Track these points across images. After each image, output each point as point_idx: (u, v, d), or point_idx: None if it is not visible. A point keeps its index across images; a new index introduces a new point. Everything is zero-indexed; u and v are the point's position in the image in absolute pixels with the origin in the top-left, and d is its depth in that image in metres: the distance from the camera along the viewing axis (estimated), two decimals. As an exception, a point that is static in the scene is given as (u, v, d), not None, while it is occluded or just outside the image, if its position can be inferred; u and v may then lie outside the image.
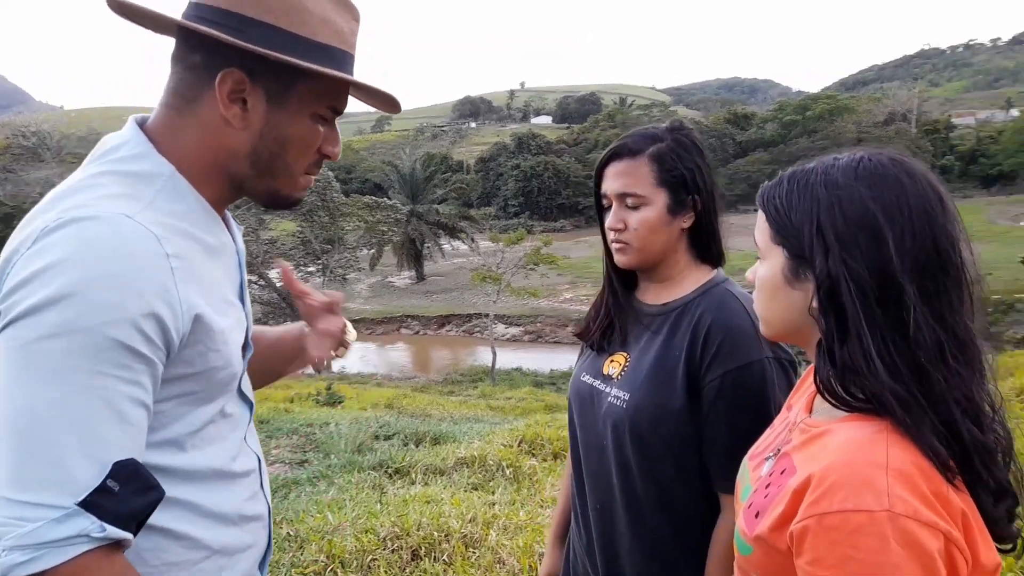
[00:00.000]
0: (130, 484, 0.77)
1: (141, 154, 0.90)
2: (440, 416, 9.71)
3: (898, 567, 0.69)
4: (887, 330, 0.79)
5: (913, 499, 0.72)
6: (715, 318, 1.25)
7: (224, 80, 0.89)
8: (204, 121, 0.91)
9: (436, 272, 42.63)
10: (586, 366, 1.44)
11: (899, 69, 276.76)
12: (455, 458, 5.23)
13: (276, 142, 0.93)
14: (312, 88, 0.93)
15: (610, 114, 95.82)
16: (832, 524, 0.73)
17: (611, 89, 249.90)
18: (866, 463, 0.75)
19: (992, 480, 0.78)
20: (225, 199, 0.98)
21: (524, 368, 24.02)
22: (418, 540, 3.08)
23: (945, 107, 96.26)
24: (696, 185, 1.29)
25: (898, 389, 0.78)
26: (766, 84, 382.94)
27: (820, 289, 0.83)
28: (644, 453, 1.27)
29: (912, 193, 0.82)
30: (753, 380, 1.20)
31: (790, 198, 0.88)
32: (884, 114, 76.21)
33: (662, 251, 1.32)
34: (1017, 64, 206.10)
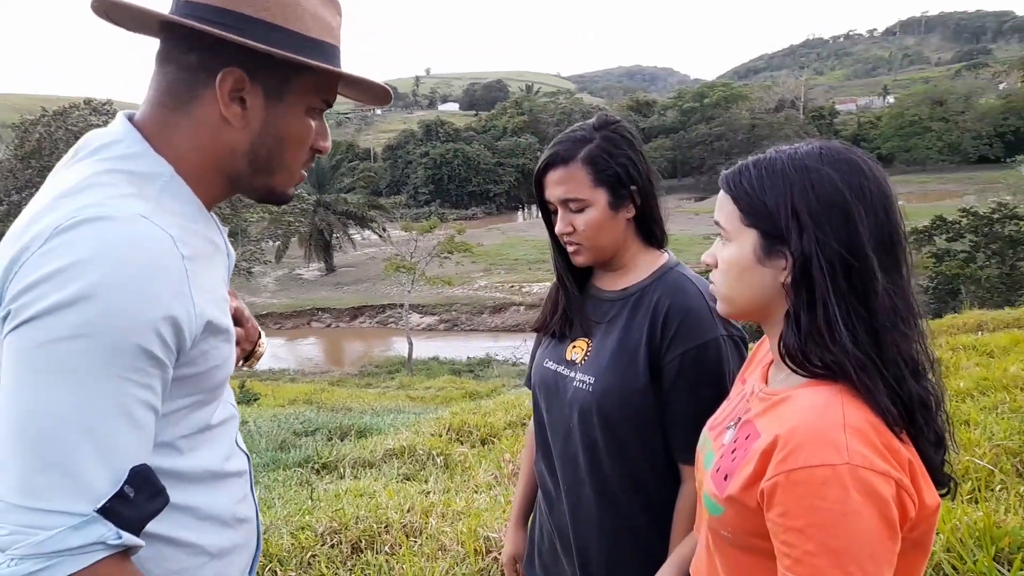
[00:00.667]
0: (144, 490, 0.76)
1: (139, 153, 0.87)
2: (361, 409, 9.58)
3: (858, 512, 0.78)
4: (850, 299, 0.88)
5: (868, 452, 0.80)
6: (672, 301, 1.30)
7: (225, 79, 0.87)
8: (201, 120, 0.89)
9: (347, 263, 41.76)
10: (548, 353, 1.47)
11: (787, 58, 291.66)
12: (384, 450, 5.18)
13: (274, 139, 0.93)
14: (307, 83, 0.93)
15: (517, 101, 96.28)
16: (799, 479, 0.80)
17: (517, 76, 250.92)
18: (826, 423, 0.83)
19: (931, 431, 0.87)
20: (217, 198, 0.96)
21: (441, 357, 23.99)
22: (357, 533, 3.05)
23: (829, 94, 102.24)
24: (631, 177, 1.33)
25: (858, 354, 0.86)
26: (666, 72, 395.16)
27: (795, 265, 0.90)
28: (611, 433, 1.32)
29: (871, 176, 0.91)
30: (710, 357, 1.26)
31: (760, 182, 0.94)
32: (774, 101, 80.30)
33: (613, 244, 1.36)
34: (891, 54, 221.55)
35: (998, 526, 2.31)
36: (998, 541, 2.23)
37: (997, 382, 4.75)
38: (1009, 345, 6.36)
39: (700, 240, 31.08)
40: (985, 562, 2.12)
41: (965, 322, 9.25)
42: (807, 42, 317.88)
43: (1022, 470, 3.06)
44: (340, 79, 0.97)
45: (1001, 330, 7.93)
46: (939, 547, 2.27)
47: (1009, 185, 29.32)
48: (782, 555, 0.83)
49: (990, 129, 69.87)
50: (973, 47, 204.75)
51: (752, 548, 0.91)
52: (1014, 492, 2.77)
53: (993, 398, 4.36)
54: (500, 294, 32.45)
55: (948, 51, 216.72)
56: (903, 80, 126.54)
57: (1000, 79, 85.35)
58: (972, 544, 2.24)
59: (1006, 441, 3.33)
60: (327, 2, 0.95)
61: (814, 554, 0.79)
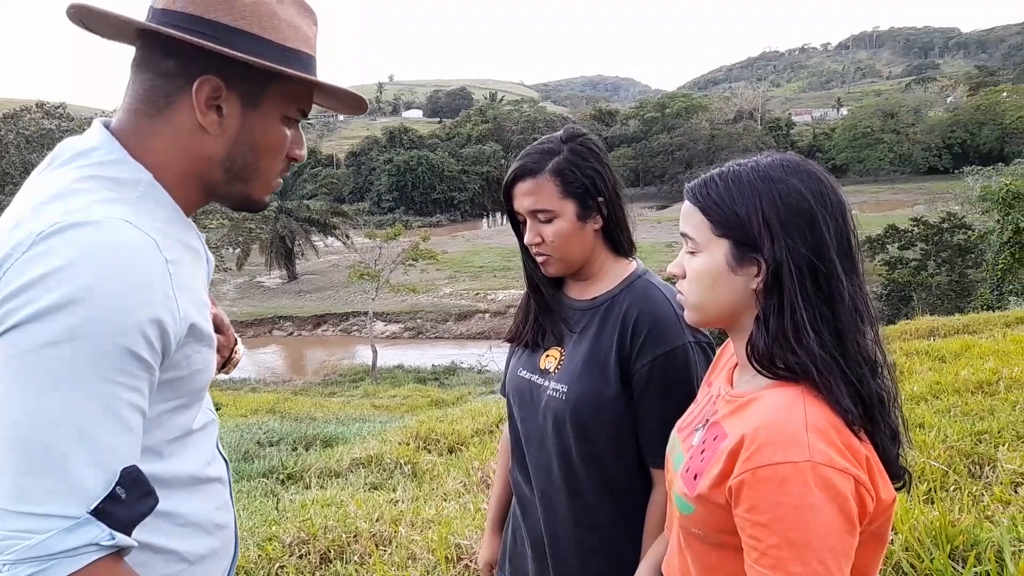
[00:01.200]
0: (134, 491, 0.76)
1: (118, 160, 0.88)
2: (325, 418, 9.46)
3: (818, 507, 0.82)
4: (817, 303, 0.92)
5: (829, 450, 0.84)
6: (641, 309, 1.33)
7: (202, 87, 0.88)
8: (178, 128, 0.90)
9: (309, 271, 41.24)
10: (522, 362, 1.49)
11: (745, 70, 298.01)
12: (350, 459, 5.13)
13: (250, 147, 0.94)
14: (283, 92, 0.94)
15: (481, 109, 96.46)
16: (764, 476, 0.85)
17: (481, 84, 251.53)
18: (789, 422, 0.87)
19: (887, 426, 0.92)
20: (195, 205, 0.97)
21: (406, 365, 23.83)
22: (326, 544, 3.01)
23: (785, 106, 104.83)
24: (598, 188, 1.36)
25: (823, 355, 0.91)
26: (627, 82, 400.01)
27: (768, 270, 0.94)
28: (585, 440, 1.34)
29: (828, 186, 0.97)
30: (679, 363, 1.30)
31: (729, 193, 0.98)
32: (733, 112, 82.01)
33: (582, 255, 1.38)
34: (845, 67, 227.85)
35: (953, 525, 2.39)
36: (953, 539, 2.31)
37: (949, 386, 4.92)
38: (960, 350, 6.58)
39: (663, 248, 31.51)
40: (941, 560, 2.20)
41: (917, 328, 9.55)
42: (764, 55, 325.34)
43: (974, 471, 3.17)
44: (316, 88, 0.98)
45: (952, 336, 8.21)
46: (897, 546, 2.35)
47: (957, 195, 30.38)
48: (749, 548, 0.87)
49: (939, 141, 72.41)
50: (922, 62, 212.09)
51: (721, 544, 0.95)
52: (967, 492, 2.87)
53: (946, 401, 4.51)
54: (465, 301, 32.40)
55: (898, 65, 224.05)
56: (856, 93, 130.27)
57: (947, 93, 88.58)
58: (929, 542, 2.31)
59: (959, 443, 3.45)
60: (303, 12, 0.96)
61: (777, 547, 0.83)
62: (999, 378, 4.92)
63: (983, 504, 2.73)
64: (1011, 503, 2.69)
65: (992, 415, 4.03)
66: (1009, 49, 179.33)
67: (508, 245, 46.87)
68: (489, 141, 78.73)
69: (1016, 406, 4.18)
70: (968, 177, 32.36)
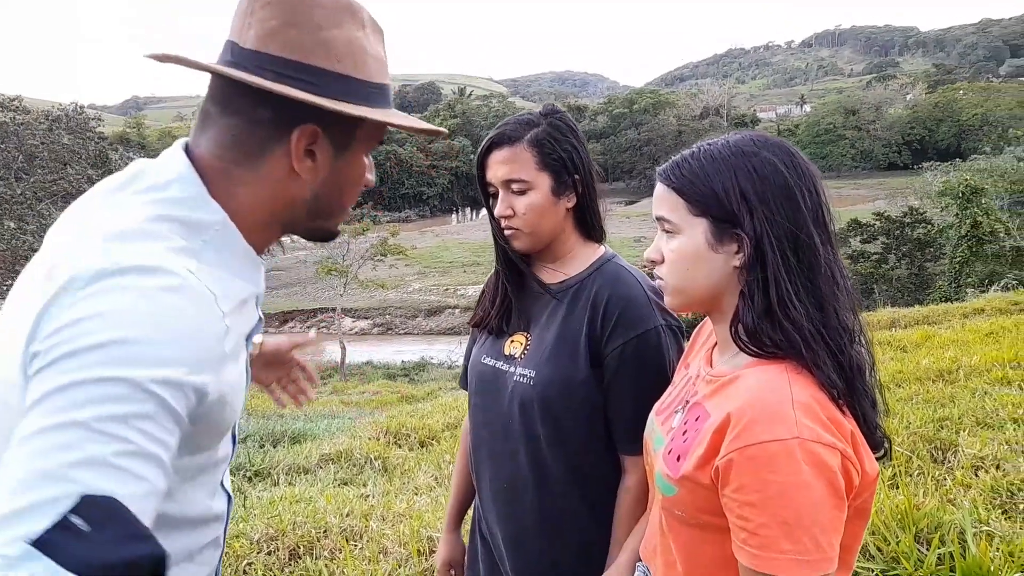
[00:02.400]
0: (107, 528, 0.60)
1: (195, 198, 0.82)
2: (293, 415, 9.32)
3: (808, 483, 0.81)
4: (799, 275, 0.92)
5: (816, 426, 0.84)
6: (612, 292, 1.31)
7: (302, 136, 0.84)
8: (270, 175, 0.86)
9: (275, 267, 40.68)
10: (486, 349, 1.45)
11: (711, 67, 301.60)
12: (319, 455, 5.05)
13: (336, 187, 0.91)
14: (371, 132, 0.91)
15: (450, 104, 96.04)
16: (753, 455, 0.83)
17: (449, 79, 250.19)
18: (775, 400, 0.86)
19: (866, 394, 0.92)
20: (269, 243, 0.93)
21: (375, 361, 23.66)
22: (295, 539, 2.96)
23: (751, 102, 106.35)
24: (575, 165, 1.33)
25: (809, 327, 0.90)
26: (596, 78, 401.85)
27: (750, 245, 0.93)
28: (554, 425, 1.31)
29: (800, 157, 0.97)
30: (651, 346, 1.27)
31: (704, 170, 0.96)
32: (700, 108, 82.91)
33: (551, 232, 1.35)
34: (808, 65, 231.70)
35: (917, 508, 2.44)
36: (918, 523, 2.36)
37: (911, 375, 5.04)
38: (921, 340, 6.74)
39: (630, 243, 31.74)
40: (907, 542, 2.24)
41: (879, 319, 9.76)
42: (730, 52, 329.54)
43: (936, 455, 3.25)
44: None
45: (912, 327, 8.41)
46: (864, 530, 2.39)
47: (917, 191, 31.13)
48: (737, 529, 0.86)
49: (898, 137, 74.15)
50: (882, 59, 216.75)
51: (705, 525, 0.94)
52: (930, 476, 2.93)
53: (908, 389, 4.61)
54: (434, 297, 32.28)
55: (859, 63, 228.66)
56: (819, 90, 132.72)
57: (907, 90, 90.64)
58: (895, 525, 2.36)
59: (921, 429, 3.52)
60: (379, 37, 0.92)
61: (767, 526, 0.82)
62: (959, 366, 5.05)
63: (945, 488, 2.79)
64: (972, 487, 2.76)
65: (953, 402, 4.13)
66: (965, 48, 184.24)
67: (477, 240, 46.80)
68: (458, 136, 78.44)
69: (975, 393, 4.29)
70: (927, 173, 33.25)
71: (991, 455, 3.04)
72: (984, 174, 26.09)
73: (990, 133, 60.53)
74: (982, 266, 19.90)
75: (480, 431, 1.44)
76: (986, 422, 3.71)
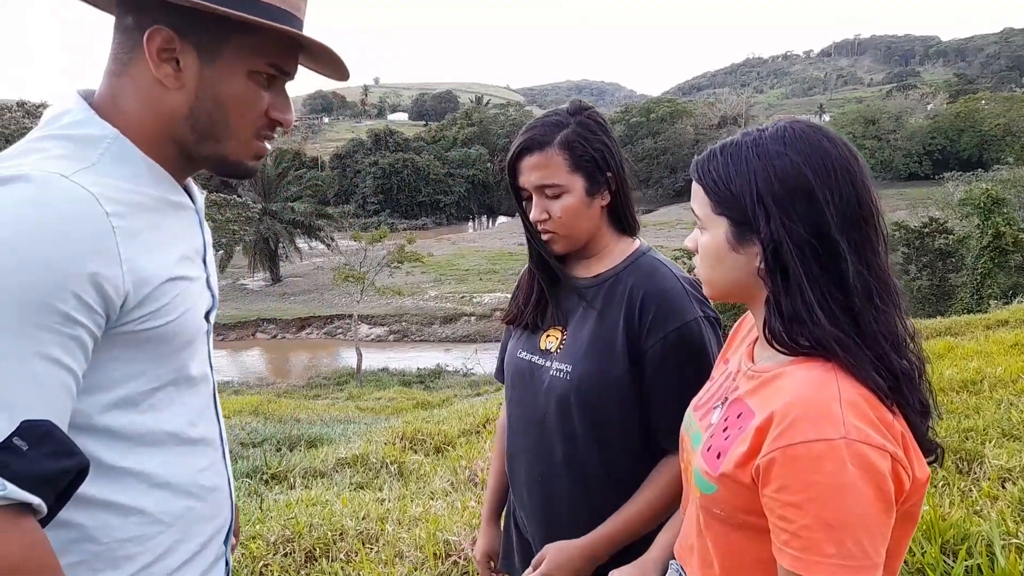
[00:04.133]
0: (42, 446, 0.72)
1: (83, 120, 0.87)
2: (310, 420, 9.36)
3: (855, 486, 0.78)
4: (824, 282, 0.88)
5: (865, 426, 0.80)
6: (648, 286, 1.29)
7: (152, 38, 0.86)
8: (139, 83, 0.89)
9: (293, 273, 40.95)
10: (522, 343, 1.45)
11: (728, 76, 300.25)
12: (335, 459, 5.07)
13: (213, 101, 0.90)
14: (247, 44, 0.90)
15: (467, 112, 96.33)
16: (796, 454, 0.80)
17: (466, 87, 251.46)
18: (822, 398, 0.83)
19: (916, 400, 0.88)
20: (177, 165, 0.94)
21: (391, 368, 23.67)
22: (311, 542, 2.97)
23: (769, 112, 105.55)
24: (607, 162, 1.32)
25: (838, 333, 0.87)
26: (612, 87, 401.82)
27: (766, 252, 0.90)
28: (591, 421, 1.30)
29: (835, 155, 0.91)
30: (692, 338, 1.26)
31: (727, 170, 0.94)
32: (717, 117, 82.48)
33: (588, 232, 1.34)
34: (827, 74, 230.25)
35: (943, 519, 2.40)
36: (944, 534, 2.31)
37: (934, 385, 4.89)
38: (943, 351, 6.64)
39: (648, 251, 31.48)
40: (933, 553, 2.19)
41: (900, 330, 9.58)
42: (747, 61, 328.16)
43: (962, 467, 3.19)
44: (295, 46, 0.93)
45: (935, 338, 8.28)
46: (889, 540, 2.34)
47: (938, 201, 30.68)
48: (778, 530, 0.83)
49: (919, 148, 73.29)
50: (903, 69, 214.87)
51: (744, 525, 0.91)
52: (956, 487, 2.88)
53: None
54: (450, 304, 32.29)
55: (879, 72, 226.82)
56: (838, 100, 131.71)
57: (928, 100, 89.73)
58: (920, 536, 2.31)
59: (946, 439, 3.46)
60: None
61: (811, 528, 0.79)
62: (983, 378, 4.96)
63: (972, 499, 2.73)
64: (999, 498, 2.70)
65: (978, 413, 4.06)
66: (987, 58, 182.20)
67: (494, 248, 46.82)
68: (475, 144, 78.63)
69: (1001, 404, 4.22)
70: (948, 183, 32.83)
71: (1018, 467, 2.98)
72: (1007, 185, 25.73)
73: (1013, 143, 59.71)
74: (1005, 277, 19.58)
75: (516, 425, 1.44)
76: (1012, 434, 3.64)
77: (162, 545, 0.91)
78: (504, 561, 1.55)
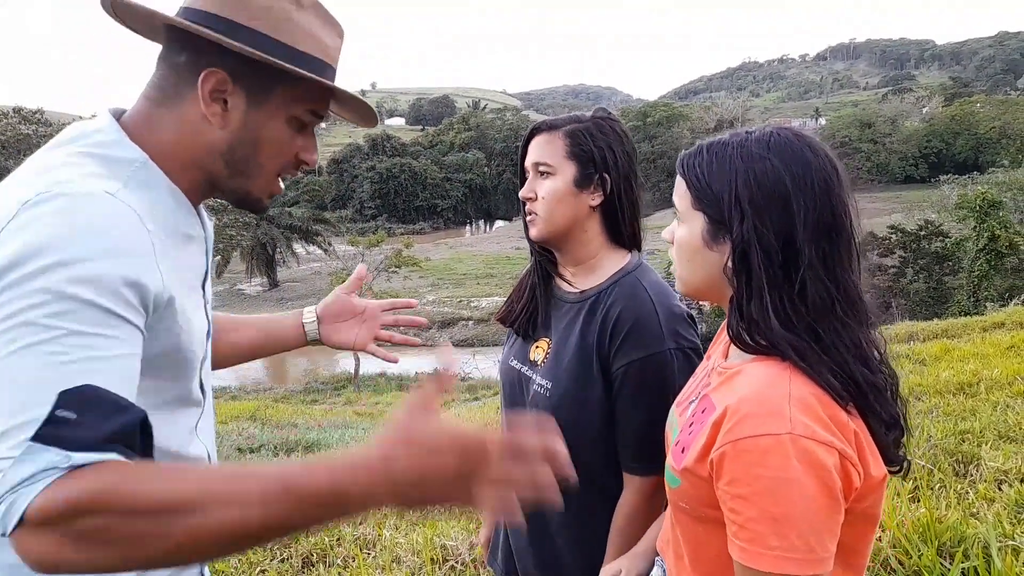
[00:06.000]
0: (91, 410, 0.73)
1: (114, 141, 0.90)
2: (307, 425, 9.35)
3: (799, 480, 0.80)
4: (786, 288, 0.90)
5: (812, 422, 0.82)
6: (623, 309, 1.28)
7: (207, 79, 0.90)
8: (183, 117, 0.93)
9: (290, 278, 40.96)
10: (515, 351, 1.46)
11: (725, 80, 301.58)
12: (333, 464, 5.05)
13: (251, 143, 0.95)
14: (291, 92, 0.95)
15: (464, 117, 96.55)
16: (744, 448, 0.83)
17: (463, 92, 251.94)
18: (772, 394, 0.86)
19: (883, 412, 0.89)
20: (198, 192, 0.98)
21: (389, 373, 23.65)
22: (308, 547, 2.96)
23: (765, 116, 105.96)
24: (605, 163, 1.32)
25: (791, 338, 0.89)
26: (609, 91, 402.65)
27: (735, 252, 0.92)
28: (570, 437, 1.29)
29: (816, 166, 0.92)
30: (654, 370, 1.25)
31: (710, 167, 0.96)
32: (714, 121, 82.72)
33: (568, 224, 1.33)
34: (823, 78, 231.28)
35: (939, 521, 2.40)
36: (940, 536, 2.31)
37: (931, 387, 4.97)
38: (940, 353, 6.65)
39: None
40: (929, 555, 2.20)
41: (897, 333, 9.64)
42: (744, 65, 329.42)
43: (959, 469, 3.19)
44: (330, 94, 0.99)
45: (931, 340, 8.30)
46: (885, 543, 2.35)
47: (934, 204, 30.81)
48: (729, 522, 0.86)
49: (915, 151, 73.58)
50: (898, 73, 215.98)
51: (706, 518, 0.93)
52: (952, 489, 2.88)
53: (928, 403, 4.55)
54: (448, 309, 32.27)
55: (875, 76, 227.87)
56: (834, 103, 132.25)
57: (923, 103, 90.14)
58: (916, 539, 2.31)
59: (942, 442, 3.47)
60: (326, 23, 0.98)
61: (756, 520, 0.81)
62: (979, 380, 4.98)
63: (968, 501, 2.74)
64: (995, 500, 2.71)
65: (974, 415, 4.07)
66: (982, 61, 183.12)
67: (491, 253, 46.86)
68: (472, 149, 78.81)
69: (997, 406, 4.23)
70: (944, 186, 32.95)
71: (1015, 469, 2.99)
72: (1003, 187, 25.84)
73: (1008, 146, 59.99)
74: (1001, 280, 19.66)
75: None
76: (1009, 436, 3.65)
77: None
78: (491, 556, 1.56)
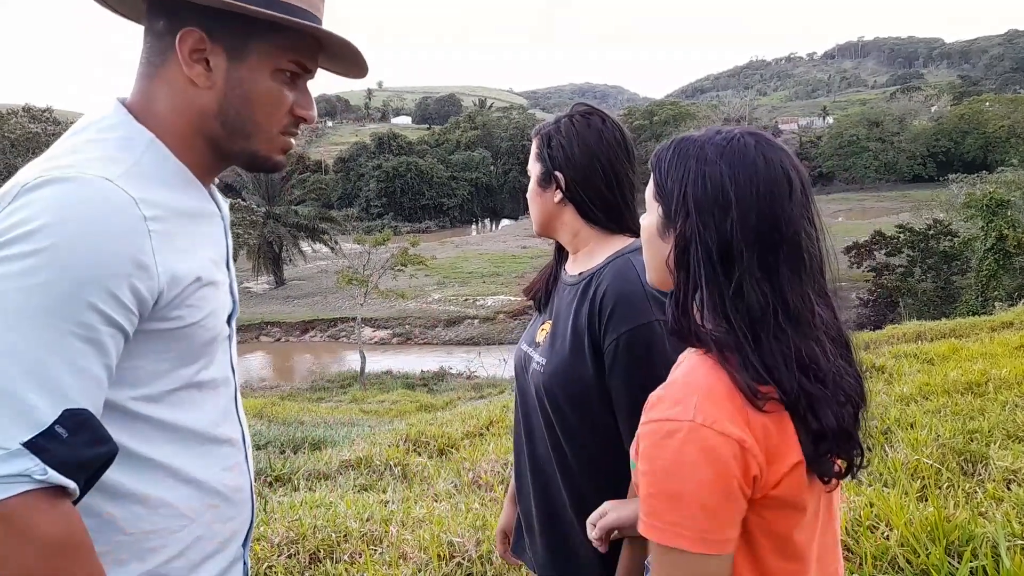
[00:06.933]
0: (80, 434, 0.77)
1: (120, 123, 0.91)
2: (314, 422, 9.38)
3: (693, 464, 0.85)
4: (723, 288, 0.92)
5: (715, 413, 0.87)
6: (609, 285, 1.31)
7: (184, 39, 0.90)
8: (172, 85, 0.93)
9: (297, 276, 41.02)
10: (526, 334, 1.52)
11: (732, 79, 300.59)
12: (339, 461, 5.07)
13: (241, 99, 0.95)
14: (271, 43, 0.94)
15: (470, 115, 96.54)
16: (652, 430, 0.90)
17: (470, 91, 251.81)
18: (685, 382, 0.92)
19: (815, 422, 0.89)
20: (209, 166, 0.99)
21: (395, 371, 23.70)
22: (316, 543, 2.97)
23: (772, 114, 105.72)
24: (556, 162, 1.37)
25: (720, 334, 0.91)
26: (615, 90, 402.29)
27: (676, 247, 0.96)
28: (562, 416, 1.34)
29: (764, 177, 0.93)
30: (640, 342, 1.26)
31: (671, 163, 0.99)
32: (721, 120, 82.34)
33: (546, 219, 1.43)
34: (830, 76, 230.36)
35: (948, 520, 2.39)
36: (948, 535, 2.31)
37: (938, 387, 4.95)
38: (948, 353, 6.63)
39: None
40: (937, 554, 2.19)
41: (904, 332, 9.61)
42: (751, 64, 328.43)
43: (967, 468, 3.18)
44: (315, 44, 0.97)
45: (939, 339, 8.27)
46: (893, 542, 2.34)
47: (942, 203, 30.61)
48: (639, 496, 0.92)
49: (923, 149, 73.16)
50: (906, 71, 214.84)
51: None
52: (960, 488, 2.87)
53: (935, 402, 4.53)
54: (454, 308, 32.30)
55: (883, 74, 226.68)
56: (841, 102, 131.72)
57: (931, 102, 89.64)
58: (924, 538, 2.31)
59: (951, 441, 3.46)
60: None
61: (655, 496, 0.88)
62: (988, 379, 4.95)
63: (976, 500, 2.73)
64: (1004, 500, 2.70)
65: (982, 415, 4.05)
66: (991, 60, 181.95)
67: (497, 251, 46.82)
68: (478, 148, 78.80)
69: (1006, 406, 4.21)
70: (952, 185, 32.76)
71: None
72: (1012, 186, 25.65)
73: (1017, 145, 59.64)
74: (1010, 279, 19.54)
75: (518, 411, 1.52)
76: (1017, 435, 3.63)
77: (184, 541, 0.94)
78: (515, 544, 1.58)
